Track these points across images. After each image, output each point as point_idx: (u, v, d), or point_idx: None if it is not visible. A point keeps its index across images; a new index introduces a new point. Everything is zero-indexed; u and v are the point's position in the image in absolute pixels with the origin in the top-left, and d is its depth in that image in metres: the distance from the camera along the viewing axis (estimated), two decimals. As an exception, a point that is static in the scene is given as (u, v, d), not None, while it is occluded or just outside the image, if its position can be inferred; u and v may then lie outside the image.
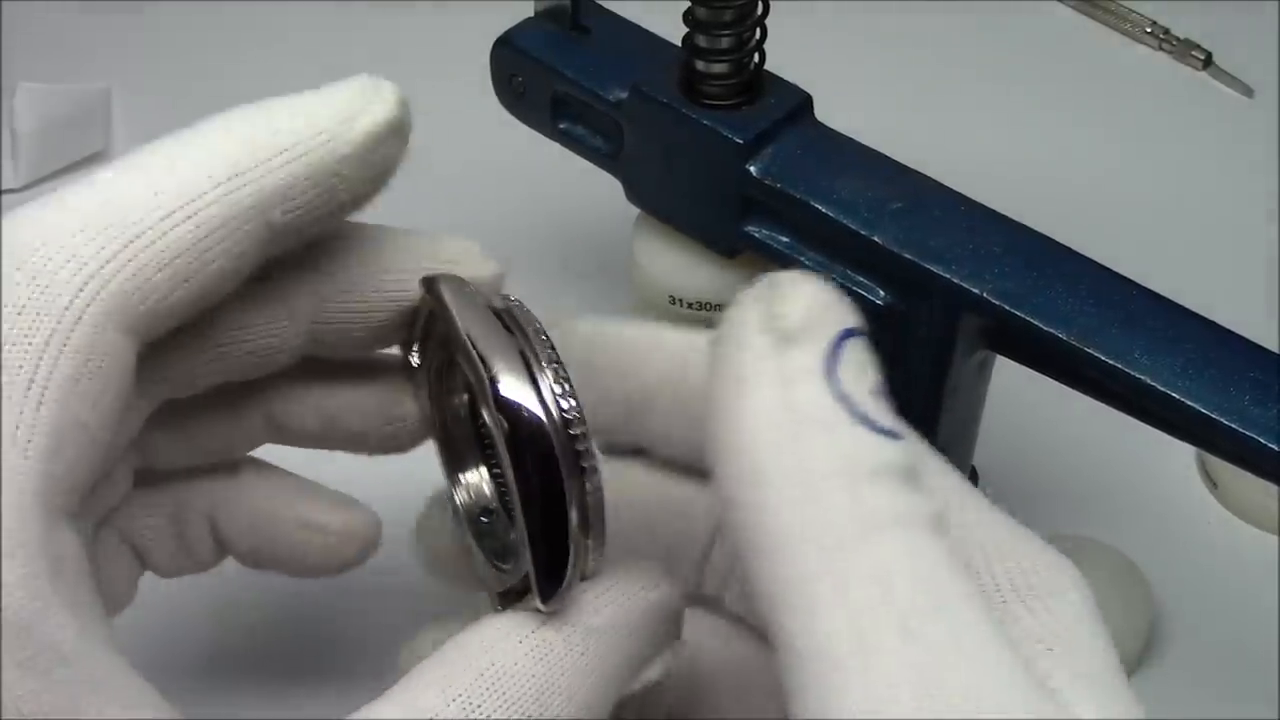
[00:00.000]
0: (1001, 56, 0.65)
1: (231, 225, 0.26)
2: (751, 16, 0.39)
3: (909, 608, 0.22)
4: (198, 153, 0.26)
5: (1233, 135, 0.62)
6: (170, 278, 0.25)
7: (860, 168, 0.39)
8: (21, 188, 0.58)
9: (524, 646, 0.26)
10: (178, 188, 0.25)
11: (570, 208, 0.55)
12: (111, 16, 0.66)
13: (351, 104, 0.27)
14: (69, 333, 0.24)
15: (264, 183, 0.26)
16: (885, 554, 0.22)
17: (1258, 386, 0.33)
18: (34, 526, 0.23)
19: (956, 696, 0.21)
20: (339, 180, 0.27)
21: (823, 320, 0.24)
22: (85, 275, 0.24)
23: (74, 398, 0.24)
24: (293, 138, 0.26)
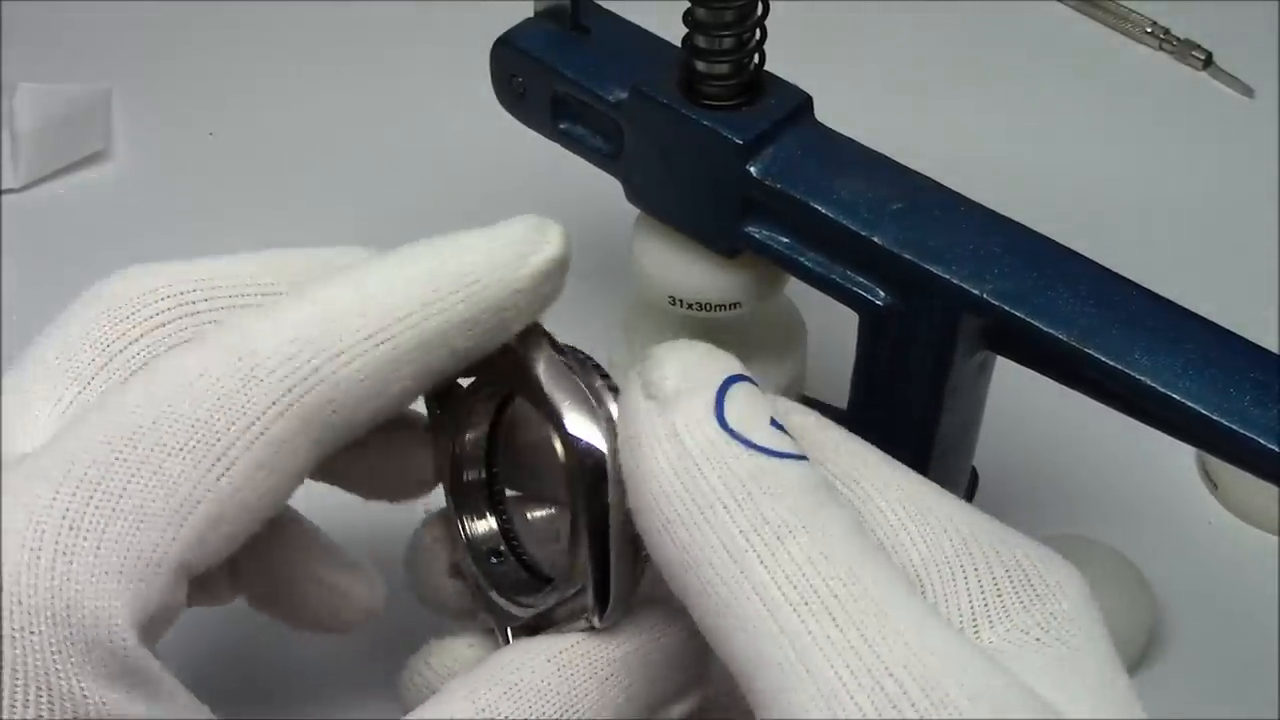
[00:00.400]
0: (1001, 56, 0.65)
1: (423, 350, 0.28)
2: (751, 17, 0.39)
3: (830, 596, 0.24)
4: (397, 280, 0.28)
5: (1233, 135, 0.62)
6: (363, 392, 0.28)
7: (860, 168, 0.39)
8: (21, 188, 0.58)
9: (551, 665, 0.29)
10: (379, 311, 0.28)
11: (570, 208, 0.54)
12: (111, 16, 0.66)
13: (525, 243, 0.30)
14: (267, 427, 0.27)
15: (452, 314, 0.28)
16: (796, 553, 0.25)
17: (1258, 387, 0.33)
18: (163, 574, 0.25)
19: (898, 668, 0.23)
20: (512, 312, 0.29)
21: (700, 376, 0.27)
22: (292, 380, 0.27)
23: (251, 483, 0.27)
24: (475, 274, 0.29)
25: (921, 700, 0.23)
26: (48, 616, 0.24)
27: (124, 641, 0.25)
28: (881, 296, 0.38)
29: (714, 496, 0.26)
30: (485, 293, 0.29)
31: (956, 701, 0.23)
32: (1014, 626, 0.26)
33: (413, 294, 0.28)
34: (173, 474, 0.26)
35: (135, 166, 0.60)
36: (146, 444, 0.26)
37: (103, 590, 0.24)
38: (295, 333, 0.27)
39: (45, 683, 0.24)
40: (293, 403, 0.27)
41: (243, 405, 0.27)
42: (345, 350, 0.27)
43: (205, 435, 0.26)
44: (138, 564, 0.25)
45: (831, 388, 0.44)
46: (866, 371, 0.40)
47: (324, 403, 0.27)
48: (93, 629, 0.24)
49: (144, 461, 0.26)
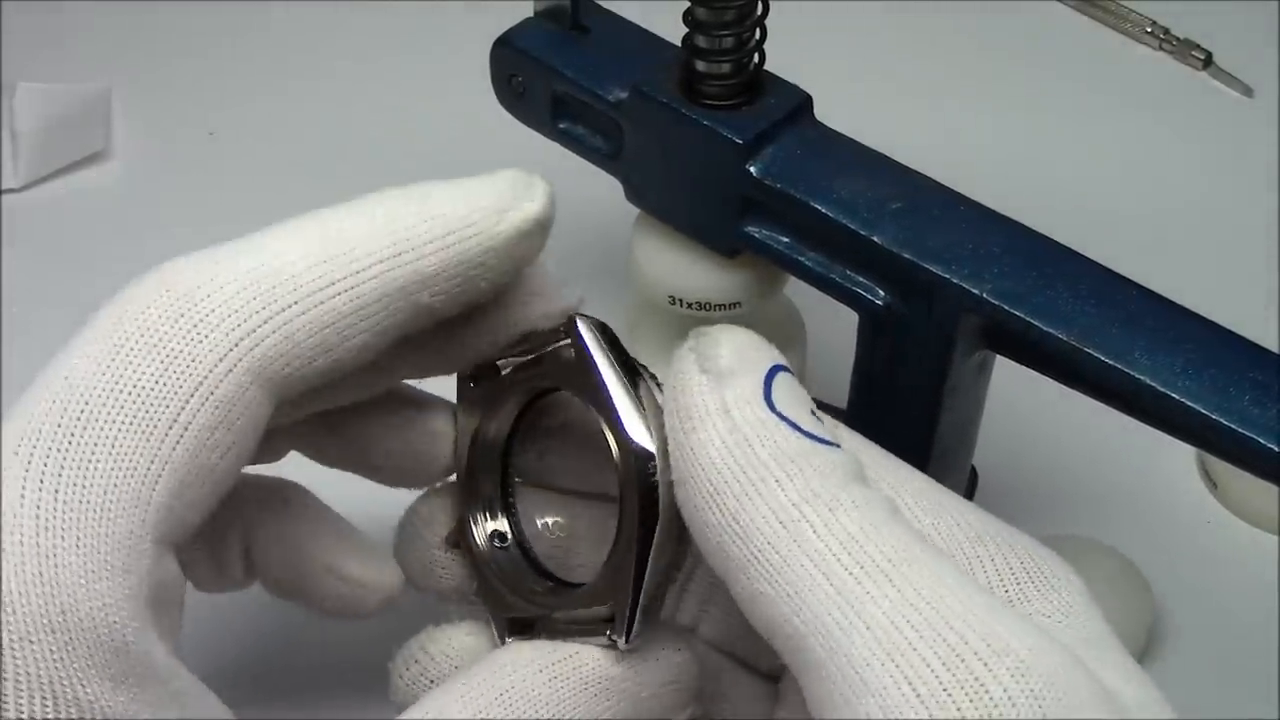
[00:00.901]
0: (1001, 56, 0.65)
1: (384, 302, 0.27)
2: (751, 16, 0.39)
3: (885, 561, 0.25)
4: (360, 228, 0.27)
5: (1233, 135, 0.62)
6: (317, 345, 0.27)
7: (860, 168, 0.39)
8: (21, 188, 0.58)
9: (543, 676, 0.29)
10: (340, 260, 0.27)
11: (570, 208, 0.54)
12: (111, 16, 0.66)
13: (503, 198, 0.28)
14: (216, 384, 0.26)
15: (418, 266, 0.27)
16: (847, 522, 0.25)
17: (1258, 387, 0.33)
18: (146, 554, 0.25)
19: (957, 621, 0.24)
20: (483, 270, 0.28)
21: (752, 357, 0.27)
22: (241, 333, 0.26)
23: (208, 445, 0.26)
24: (447, 226, 0.28)
25: (983, 649, 0.24)
26: (44, 624, 0.23)
27: (126, 637, 0.24)
28: (881, 296, 0.38)
29: (765, 470, 0.26)
30: (457, 247, 0.28)
31: (1017, 651, 0.24)
32: (1034, 612, 0.27)
33: (378, 243, 0.27)
34: (128, 451, 0.25)
35: (135, 166, 0.60)
36: (99, 422, 0.25)
37: (94, 591, 0.24)
38: (245, 282, 0.26)
39: (50, 691, 0.23)
40: (241, 357, 0.26)
41: (189, 364, 0.25)
42: (300, 300, 0.26)
43: (154, 402, 0.25)
44: (119, 555, 0.24)
45: (831, 388, 0.44)
46: (866, 371, 0.40)
47: (275, 356, 0.26)
48: (92, 632, 0.24)
49: (98, 443, 0.25)
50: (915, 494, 0.29)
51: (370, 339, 0.27)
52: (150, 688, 0.24)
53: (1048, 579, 0.27)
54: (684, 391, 0.27)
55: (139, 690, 0.24)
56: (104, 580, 0.24)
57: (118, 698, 0.24)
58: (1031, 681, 0.23)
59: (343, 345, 0.27)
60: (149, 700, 0.24)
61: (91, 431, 0.25)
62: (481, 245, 0.28)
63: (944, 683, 0.23)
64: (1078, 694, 0.24)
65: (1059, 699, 0.24)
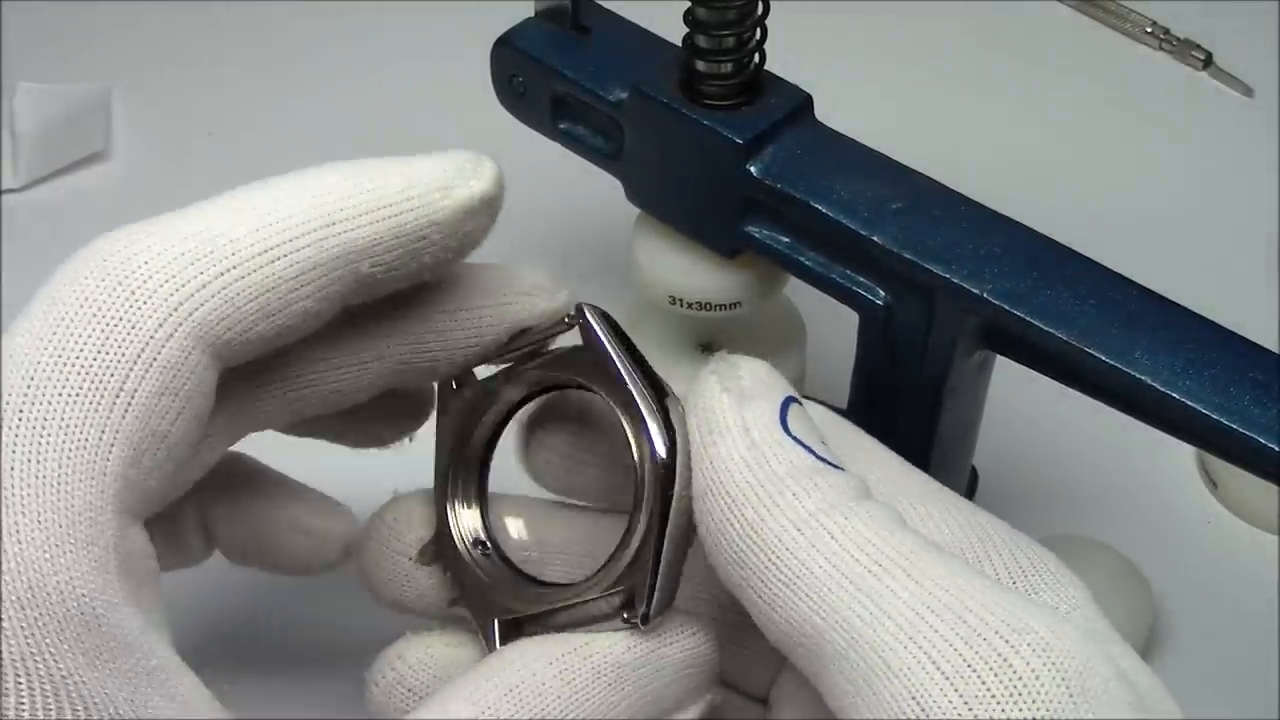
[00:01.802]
0: (1001, 56, 0.65)
1: (322, 269, 0.27)
2: (752, 16, 0.39)
3: (901, 559, 0.26)
4: (297, 198, 0.28)
5: (1233, 135, 0.62)
6: (259, 310, 0.27)
7: (860, 168, 0.39)
8: (21, 188, 0.58)
9: (553, 669, 0.28)
10: (277, 227, 0.27)
11: (570, 208, 0.55)
12: (111, 16, 0.66)
13: (449, 175, 0.29)
14: (159, 349, 0.26)
15: (354, 235, 0.28)
16: (862, 529, 0.26)
17: (1258, 387, 0.33)
18: (109, 525, 0.25)
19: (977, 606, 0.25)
20: (425, 244, 0.29)
21: (769, 384, 0.29)
22: (181, 297, 0.26)
23: (156, 411, 0.26)
24: (386, 198, 0.28)
25: (1004, 628, 0.24)
26: (14, 603, 0.23)
27: (96, 610, 0.24)
28: (881, 296, 0.38)
29: (782, 484, 0.27)
30: (397, 219, 0.28)
31: (1038, 630, 0.24)
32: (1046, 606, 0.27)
33: (315, 211, 0.27)
34: (78, 423, 0.25)
35: (135, 166, 0.60)
36: (46, 397, 0.25)
37: (59, 565, 0.24)
38: (181, 249, 0.26)
39: (24, 667, 0.23)
40: (181, 321, 0.26)
41: (130, 330, 0.25)
42: (239, 265, 0.26)
43: (98, 372, 0.25)
44: (80, 525, 0.24)
45: (831, 388, 0.44)
46: (866, 371, 0.40)
47: (216, 320, 0.26)
48: (61, 604, 0.23)
49: (48, 416, 0.25)
50: (922, 497, 0.29)
51: (311, 305, 0.28)
52: (125, 662, 0.24)
53: (1054, 576, 0.28)
54: (707, 408, 0.28)
55: (113, 664, 0.24)
56: (68, 553, 0.24)
57: (92, 673, 0.23)
58: (1054, 656, 0.24)
59: (284, 310, 0.27)
60: (124, 674, 0.24)
61: (40, 406, 0.25)
62: (421, 219, 0.28)
63: (968, 660, 0.24)
64: (1098, 670, 0.24)
65: (1081, 673, 0.24)
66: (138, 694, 0.24)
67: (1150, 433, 0.35)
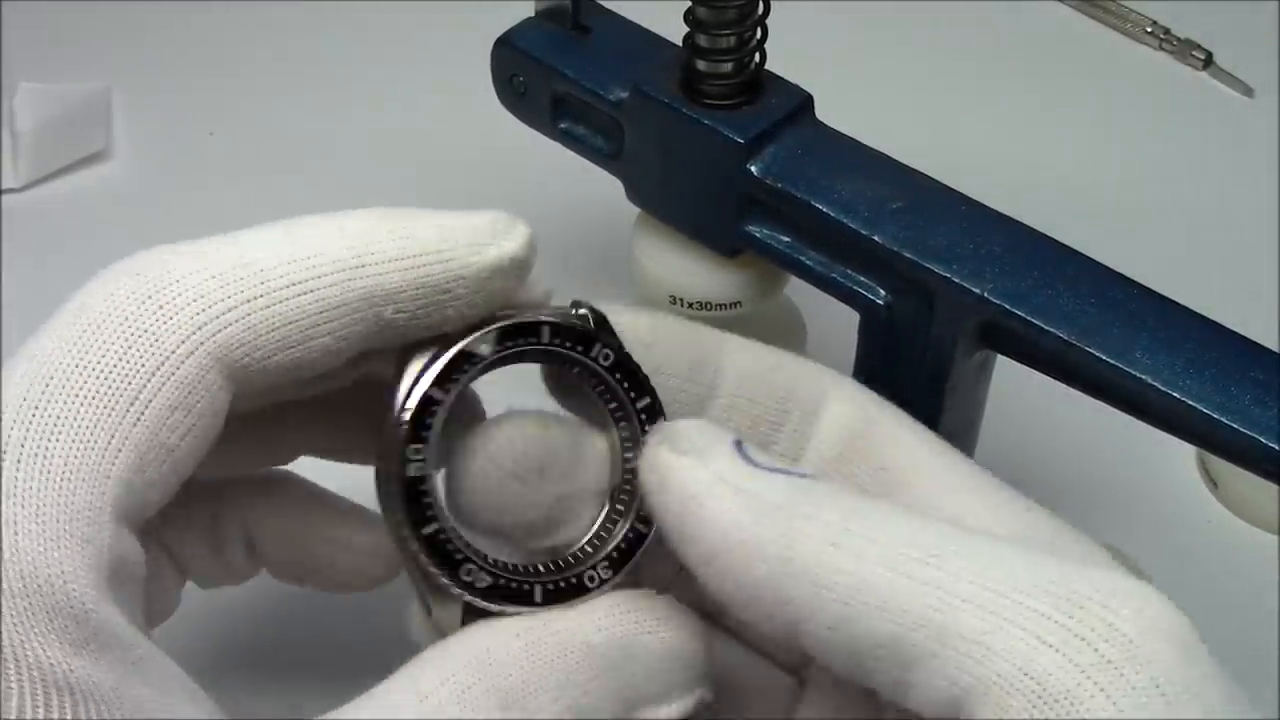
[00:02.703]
0: (1001, 56, 0.65)
1: (345, 309, 0.28)
2: (752, 16, 0.39)
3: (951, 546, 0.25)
4: (331, 237, 0.28)
5: (1233, 135, 0.62)
6: (279, 340, 0.27)
7: (861, 167, 0.39)
8: (21, 188, 0.58)
9: (519, 641, 0.28)
10: (307, 262, 0.28)
11: (570, 207, 0.55)
12: (111, 16, 0.66)
13: (482, 233, 0.29)
14: (178, 365, 0.26)
15: (381, 280, 0.28)
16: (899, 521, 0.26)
17: (1258, 386, 0.33)
18: (106, 526, 0.25)
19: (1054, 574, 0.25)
20: (450, 298, 0.29)
21: (716, 434, 0.29)
22: (205, 318, 0.27)
23: (167, 425, 0.26)
24: (417, 248, 0.28)
25: (1098, 594, 0.24)
26: (5, 591, 0.24)
27: (85, 603, 0.24)
28: (882, 295, 0.38)
29: (789, 509, 0.27)
30: (425, 270, 0.28)
31: (1131, 592, 0.25)
32: None
33: (346, 252, 0.28)
34: (89, 425, 0.25)
35: (135, 166, 0.60)
36: (61, 397, 0.26)
37: (53, 559, 0.24)
38: (212, 271, 0.27)
39: (12, 655, 0.24)
40: (203, 341, 0.26)
41: (153, 343, 0.26)
42: (266, 294, 0.27)
43: (116, 379, 0.26)
44: (78, 522, 0.25)
45: (832, 387, 0.44)
46: (866, 371, 0.40)
47: (236, 345, 0.27)
48: (51, 595, 0.24)
49: (61, 416, 0.25)
50: (977, 488, 0.30)
51: (331, 343, 0.28)
52: (111, 653, 0.25)
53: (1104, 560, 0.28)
54: (673, 479, 0.28)
55: (99, 655, 0.24)
56: (62, 549, 0.24)
57: (78, 662, 0.24)
58: (1157, 617, 0.24)
59: (304, 345, 0.28)
60: (109, 665, 0.25)
61: (55, 406, 0.25)
62: (450, 273, 0.28)
63: (1074, 630, 0.24)
64: (1185, 627, 0.25)
65: (1184, 631, 0.24)
66: (123, 682, 0.25)
67: (1150, 433, 0.35)
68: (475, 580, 0.29)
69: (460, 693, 0.27)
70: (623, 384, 0.31)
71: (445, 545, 0.29)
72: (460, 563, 0.29)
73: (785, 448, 0.32)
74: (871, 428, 0.31)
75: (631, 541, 0.31)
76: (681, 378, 0.32)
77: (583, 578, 0.30)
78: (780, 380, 0.32)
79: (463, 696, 0.27)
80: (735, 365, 0.32)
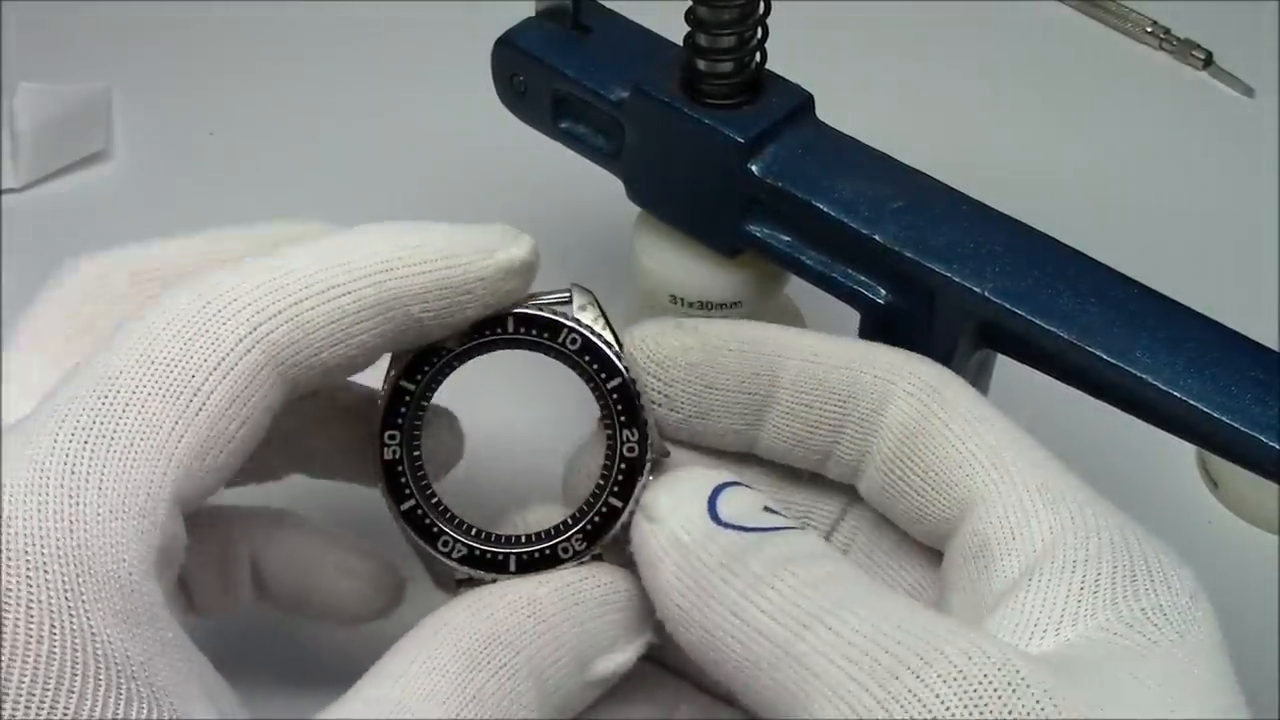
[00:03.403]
0: (1001, 56, 0.65)
1: (379, 309, 0.31)
2: (753, 16, 0.39)
3: (822, 612, 0.27)
4: (359, 248, 0.31)
5: (1233, 135, 0.62)
6: (325, 338, 0.30)
7: (861, 167, 0.39)
8: (21, 188, 0.58)
9: (472, 609, 0.31)
10: (342, 269, 0.30)
11: (570, 207, 0.55)
12: (111, 16, 0.66)
13: (491, 241, 0.32)
14: (236, 362, 0.29)
15: (408, 282, 0.31)
16: (785, 590, 0.28)
17: (1259, 386, 0.33)
18: (163, 505, 0.27)
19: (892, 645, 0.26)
20: (470, 298, 0.32)
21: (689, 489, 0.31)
22: (259, 320, 0.29)
23: (226, 415, 0.29)
24: (434, 253, 0.31)
25: (915, 662, 0.26)
26: (59, 557, 0.25)
27: (132, 577, 0.26)
28: (882, 295, 0.38)
29: (714, 573, 0.29)
30: (445, 272, 0.31)
31: (952, 657, 0.26)
32: (1101, 622, 0.28)
33: (374, 259, 0.31)
34: (155, 412, 0.28)
35: (135, 166, 0.60)
36: (129, 388, 0.28)
37: (110, 529, 0.26)
38: (260, 279, 0.30)
39: (57, 621, 0.25)
40: (259, 339, 0.29)
41: (212, 343, 0.29)
42: (309, 298, 0.30)
43: (180, 374, 0.28)
44: (136, 500, 0.27)
45: (832, 387, 0.44)
46: (867, 370, 0.40)
47: (289, 342, 0.29)
48: (103, 566, 0.26)
49: (128, 404, 0.27)
50: (1041, 483, 0.30)
51: (369, 340, 0.31)
52: (148, 629, 0.26)
53: (1146, 582, 0.28)
54: (643, 544, 0.31)
55: (137, 629, 0.26)
56: (119, 521, 0.26)
57: (117, 633, 0.25)
58: (966, 685, 0.25)
59: (346, 341, 0.30)
60: (143, 640, 0.26)
61: (123, 394, 0.28)
62: (468, 275, 0.31)
63: (880, 700, 0.26)
64: (1023, 692, 0.25)
65: (998, 700, 0.25)
66: (151, 660, 0.26)
67: (1150, 433, 0.35)
68: (452, 550, 0.33)
69: (429, 665, 0.29)
70: (592, 365, 0.33)
71: (423, 520, 0.33)
72: (437, 535, 0.33)
73: (847, 452, 0.33)
74: (928, 425, 0.32)
75: (605, 517, 0.33)
76: (735, 390, 0.33)
77: (556, 549, 0.33)
78: (839, 382, 0.33)
79: (432, 667, 0.29)
80: (792, 372, 0.33)
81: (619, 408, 0.33)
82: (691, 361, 0.33)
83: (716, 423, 0.34)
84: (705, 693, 0.35)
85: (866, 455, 0.33)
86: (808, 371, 0.33)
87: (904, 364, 0.33)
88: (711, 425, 0.34)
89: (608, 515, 0.33)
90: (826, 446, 0.34)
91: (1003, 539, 0.30)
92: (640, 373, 0.33)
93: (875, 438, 0.33)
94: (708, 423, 0.34)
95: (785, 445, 0.34)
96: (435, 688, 0.29)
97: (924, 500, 0.32)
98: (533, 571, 0.32)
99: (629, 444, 0.33)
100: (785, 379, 0.33)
